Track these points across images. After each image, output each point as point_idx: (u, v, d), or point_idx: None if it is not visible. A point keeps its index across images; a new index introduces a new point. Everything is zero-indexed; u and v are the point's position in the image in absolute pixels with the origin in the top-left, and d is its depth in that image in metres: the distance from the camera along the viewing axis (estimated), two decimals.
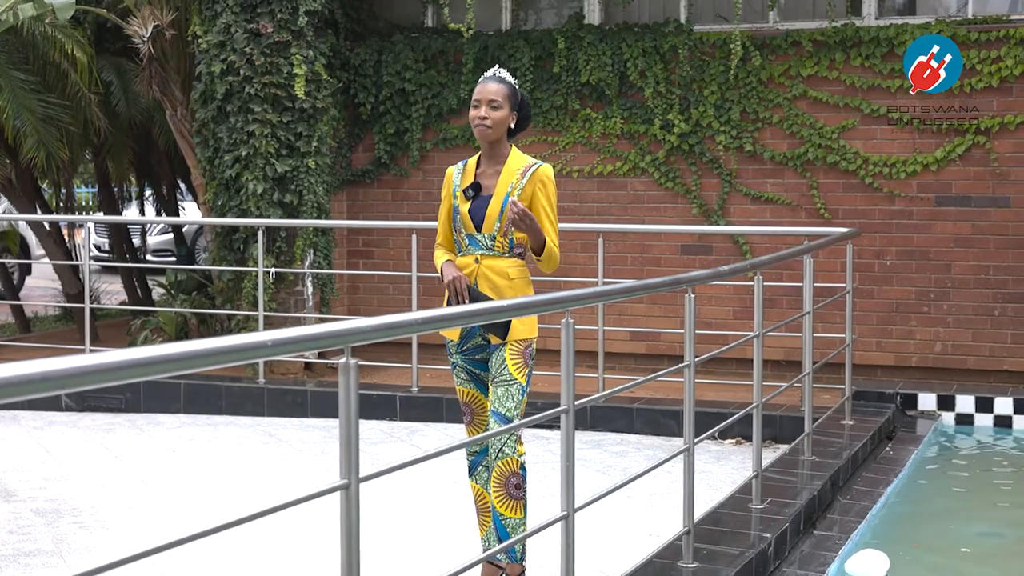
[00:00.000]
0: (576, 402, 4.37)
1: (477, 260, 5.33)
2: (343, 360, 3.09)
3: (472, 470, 5.55)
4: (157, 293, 14.44)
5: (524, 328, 5.25)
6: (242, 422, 9.84)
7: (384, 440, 9.10)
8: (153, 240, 20.95)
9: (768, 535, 6.01)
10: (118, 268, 15.17)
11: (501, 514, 5.25)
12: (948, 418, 9.27)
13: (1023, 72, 9.88)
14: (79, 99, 11.67)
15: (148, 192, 16.63)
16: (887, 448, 8.46)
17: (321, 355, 11.36)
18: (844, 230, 8.98)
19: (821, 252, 9.98)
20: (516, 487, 5.24)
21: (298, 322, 10.94)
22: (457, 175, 5.47)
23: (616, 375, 10.00)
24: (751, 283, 10.29)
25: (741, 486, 6.71)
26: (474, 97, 5.32)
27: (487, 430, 5.34)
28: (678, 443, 8.93)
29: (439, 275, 5.41)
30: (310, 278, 11.12)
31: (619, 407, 9.44)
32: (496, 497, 5.26)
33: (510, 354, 5.24)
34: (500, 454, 5.23)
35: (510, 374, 5.23)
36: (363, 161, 11.86)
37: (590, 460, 8.49)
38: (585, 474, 8.03)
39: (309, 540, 6.47)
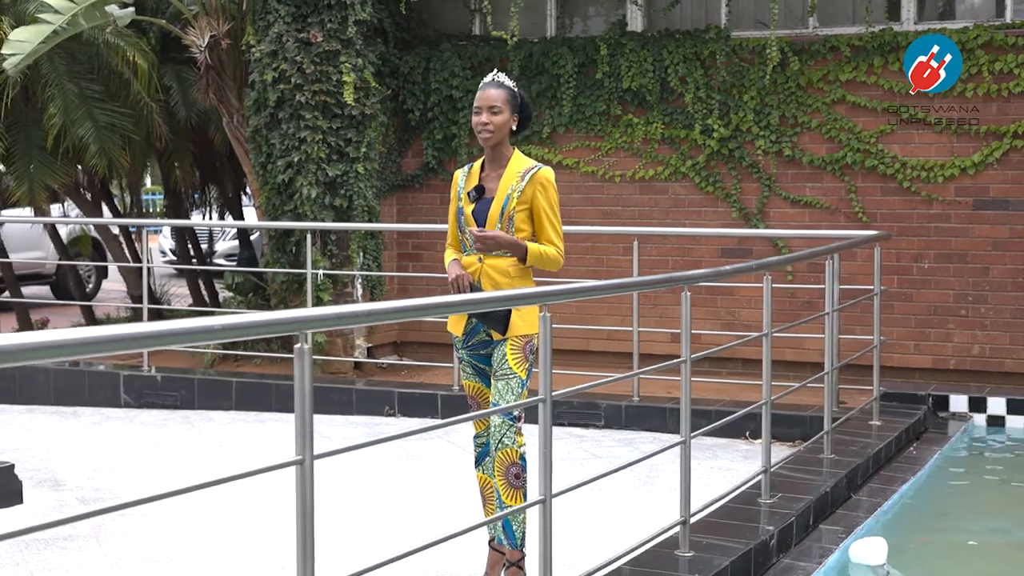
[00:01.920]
0: (553, 393, 4.57)
1: (480, 259, 5.58)
2: (298, 346, 3.33)
3: (479, 461, 5.78)
4: (225, 296, 14.81)
5: (524, 324, 5.48)
6: (289, 419, 10.07)
7: (423, 438, 9.33)
8: (226, 245, 21.37)
9: (771, 528, 6.18)
10: (184, 272, 15.58)
11: (503, 502, 5.48)
12: (979, 420, 9.33)
13: None
14: (141, 107, 12.07)
15: (216, 196, 17.01)
16: (911, 448, 8.55)
17: (370, 354, 11.67)
18: (871, 233, 9.08)
19: (860, 255, 10.10)
20: (516, 476, 5.46)
21: None
22: (463, 178, 5.73)
23: (655, 377, 10.13)
24: (791, 285, 10.49)
25: (752, 482, 6.85)
26: (475, 104, 5.57)
27: (490, 422, 5.57)
28: (709, 442, 9.16)
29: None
30: (360, 280, 11.43)
31: (653, 407, 9.61)
32: (500, 485, 5.49)
33: (511, 349, 5.47)
34: (500, 445, 5.46)
35: (510, 368, 5.46)
36: (412, 166, 12.15)
37: (619, 458, 8.65)
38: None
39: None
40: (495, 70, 5.72)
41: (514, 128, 5.58)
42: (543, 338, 4.60)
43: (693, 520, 6.14)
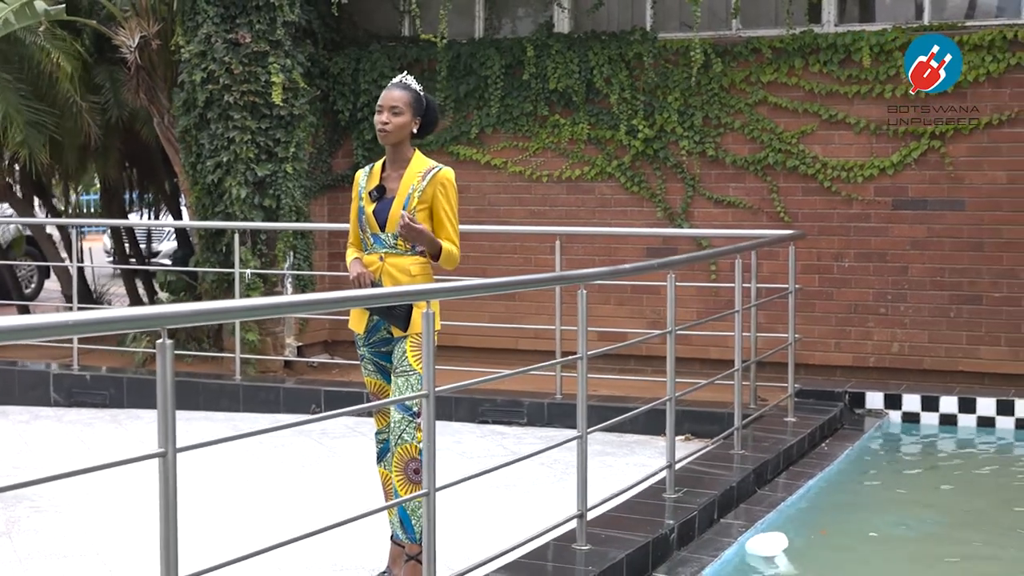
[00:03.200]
0: (436, 389, 4.66)
1: (382, 258, 5.69)
2: (160, 340, 3.41)
3: (380, 457, 5.87)
4: (166, 296, 14.80)
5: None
6: (216, 417, 10.18)
7: (346, 435, 9.41)
8: (170, 245, 21.30)
9: (672, 522, 6.29)
10: (123, 272, 15.57)
11: (401, 496, 5.57)
12: (895, 416, 9.49)
13: (976, 78, 10.09)
14: (70, 106, 12.06)
15: (153, 195, 16.99)
16: (823, 444, 8.70)
17: (300, 353, 11.73)
18: (785, 232, 9.24)
19: (782, 254, 10.24)
20: (415, 471, 5.55)
21: (276, 322, 11.32)
22: (364, 177, 5.83)
23: (574, 373, 10.21)
24: (713, 284, 10.63)
25: (658, 477, 6.96)
26: (378, 103, 5.67)
27: (390, 418, 5.66)
28: (630, 439, 9.29)
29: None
30: (290, 279, 11.49)
31: (574, 404, 9.66)
32: (397, 480, 5.58)
33: (410, 346, 5.56)
34: (400, 440, 5.55)
35: (410, 365, 5.55)
36: (343, 166, 12.23)
37: (538, 456, 8.74)
38: (528, 467, 8.29)
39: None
40: (404, 72, 5.83)
41: (415, 131, 5.69)
42: (426, 335, 4.69)
43: (598, 514, 6.26)
